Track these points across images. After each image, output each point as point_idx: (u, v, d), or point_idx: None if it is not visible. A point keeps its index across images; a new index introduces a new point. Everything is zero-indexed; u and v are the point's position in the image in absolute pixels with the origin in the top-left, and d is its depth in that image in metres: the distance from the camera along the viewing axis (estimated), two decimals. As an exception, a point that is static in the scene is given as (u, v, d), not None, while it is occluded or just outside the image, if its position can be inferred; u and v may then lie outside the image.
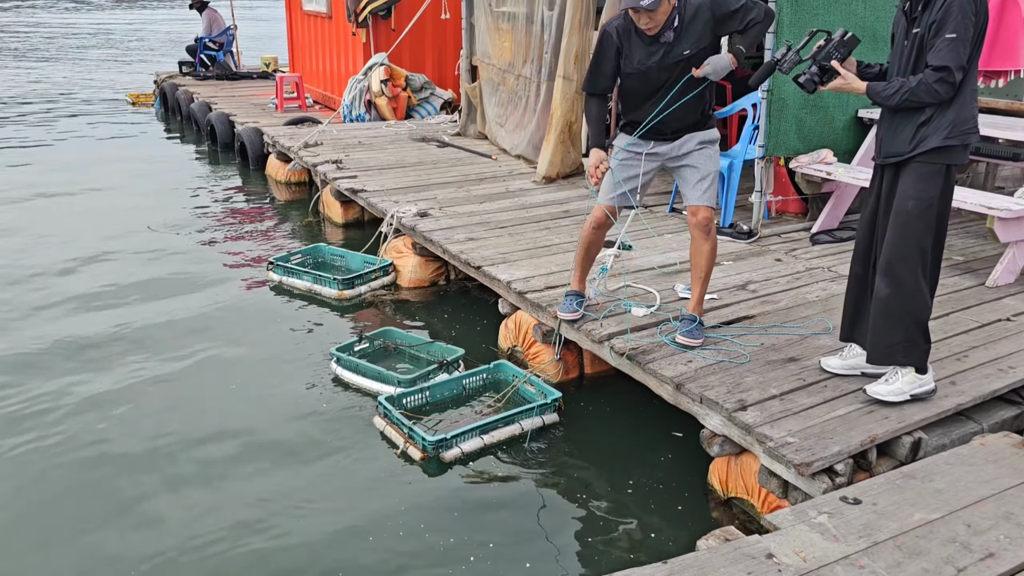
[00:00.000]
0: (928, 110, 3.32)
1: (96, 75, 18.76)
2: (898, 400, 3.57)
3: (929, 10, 3.27)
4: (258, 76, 14.62)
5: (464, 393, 4.55)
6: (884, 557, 2.76)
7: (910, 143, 3.37)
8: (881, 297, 3.50)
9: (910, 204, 3.39)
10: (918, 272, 3.45)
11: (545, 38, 7.58)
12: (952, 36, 3.18)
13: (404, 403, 4.36)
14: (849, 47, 3.44)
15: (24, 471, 3.96)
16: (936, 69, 3.22)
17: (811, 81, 3.46)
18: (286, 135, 9.28)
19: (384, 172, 7.70)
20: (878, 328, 3.53)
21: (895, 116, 3.42)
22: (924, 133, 3.34)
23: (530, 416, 4.21)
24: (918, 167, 3.38)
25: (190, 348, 5.21)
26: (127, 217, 7.99)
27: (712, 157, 4.12)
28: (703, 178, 4.09)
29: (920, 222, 3.40)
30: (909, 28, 3.38)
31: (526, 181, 7.43)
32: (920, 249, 3.43)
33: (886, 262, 3.47)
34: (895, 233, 3.44)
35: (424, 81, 10.93)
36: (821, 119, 5.84)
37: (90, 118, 13.60)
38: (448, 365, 4.70)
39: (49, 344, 5.25)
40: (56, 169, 10.01)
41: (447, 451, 4.00)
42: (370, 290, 5.99)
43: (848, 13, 5.63)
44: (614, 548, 3.49)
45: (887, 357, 3.56)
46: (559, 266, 5.17)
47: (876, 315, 3.53)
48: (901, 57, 3.41)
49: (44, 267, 6.64)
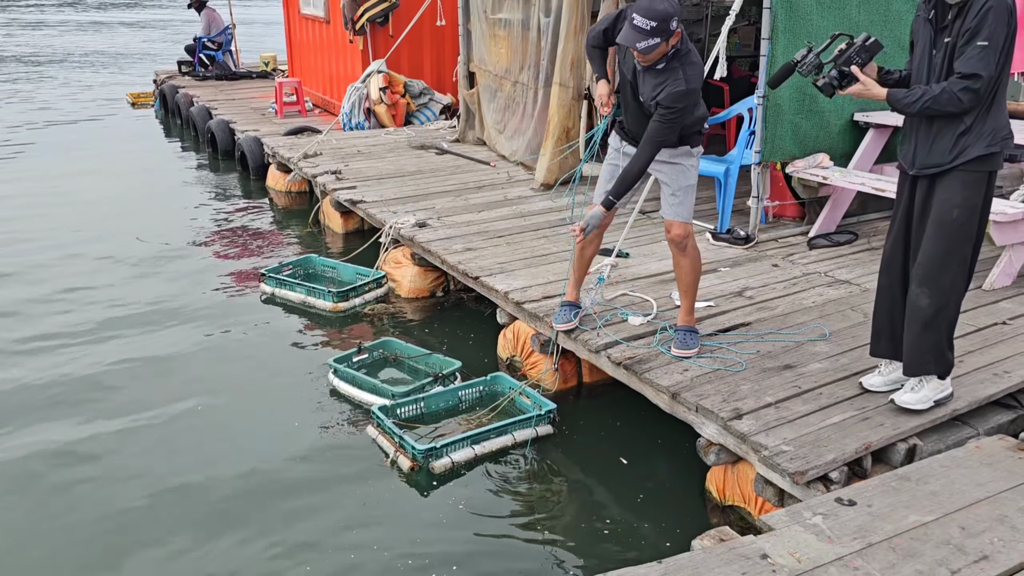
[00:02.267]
0: (967, 119, 3.26)
1: (94, 75, 18.80)
2: (924, 408, 3.57)
3: (963, 18, 3.20)
4: (257, 75, 14.60)
5: (460, 405, 4.57)
6: (878, 559, 2.78)
7: (950, 153, 3.31)
8: (920, 307, 3.45)
9: (956, 212, 3.34)
10: (957, 280, 3.43)
11: (542, 44, 7.61)
12: (984, 44, 3.13)
13: (399, 413, 4.39)
14: (871, 52, 3.39)
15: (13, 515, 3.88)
16: (963, 76, 3.18)
17: (830, 86, 3.42)
18: (286, 146, 9.31)
19: (383, 182, 7.73)
20: (915, 338, 3.50)
21: (932, 126, 3.34)
22: (965, 142, 3.28)
23: (523, 427, 4.23)
24: (962, 175, 3.32)
25: (182, 363, 5.24)
26: (124, 227, 8.01)
27: (684, 173, 4.08)
28: (673, 193, 4.10)
29: (964, 230, 3.37)
30: (938, 38, 3.31)
31: (524, 188, 7.46)
32: (961, 257, 3.40)
33: (925, 272, 3.42)
34: (937, 242, 3.39)
35: (423, 87, 10.95)
36: (817, 123, 5.85)
37: (90, 121, 13.62)
38: (444, 378, 4.72)
39: (34, 363, 5.28)
40: (53, 176, 10.03)
41: (437, 460, 4.02)
42: (364, 302, 6.01)
43: (843, 17, 5.64)
44: (608, 553, 3.52)
45: (922, 367, 3.54)
46: (556, 275, 5.20)
47: (913, 325, 3.49)
48: (930, 66, 3.34)
49: (31, 277, 6.67)
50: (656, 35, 3.67)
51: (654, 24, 3.64)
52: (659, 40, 3.68)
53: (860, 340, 4.28)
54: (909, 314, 3.51)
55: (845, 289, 5.01)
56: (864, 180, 5.55)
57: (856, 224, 6.16)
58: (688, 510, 3.79)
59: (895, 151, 6.13)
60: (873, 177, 5.65)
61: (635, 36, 3.68)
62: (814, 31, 5.56)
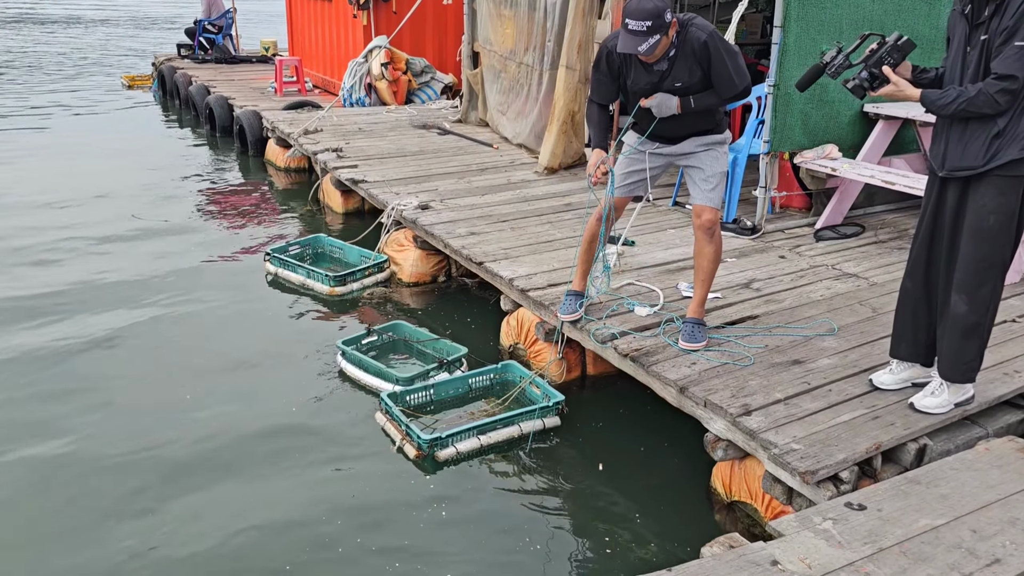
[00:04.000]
0: (1001, 121, 3.14)
1: (90, 55, 18.60)
2: (945, 411, 3.53)
3: (1000, 15, 3.08)
4: (257, 60, 14.51)
5: (470, 393, 4.53)
6: (889, 563, 2.76)
7: (984, 156, 3.19)
8: (960, 314, 3.38)
9: (992, 219, 3.25)
10: (996, 286, 3.36)
11: (548, 26, 7.50)
12: (1022, 44, 3.02)
13: (408, 400, 4.34)
14: (903, 52, 3.28)
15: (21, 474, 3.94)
16: (1000, 77, 3.07)
17: (860, 87, 3.31)
18: (286, 120, 9.20)
19: (385, 161, 7.64)
20: (956, 346, 3.43)
21: (965, 128, 3.22)
22: (999, 145, 3.16)
23: (530, 418, 4.19)
24: (997, 180, 3.21)
25: (182, 340, 5.19)
26: (121, 203, 7.93)
27: (719, 158, 4.08)
28: (707, 178, 4.06)
29: (1002, 236, 3.28)
30: (973, 34, 3.19)
31: (528, 172, 7.38)
32: (1000, 262, 3.33)
33: (964, 279, 3.34)
34: (974, 249, 3.30)
35: (425, 65, 10.84)
36: (826, 114, 5.78)
37: (85, 100, 13.48)
38: (449, 364, 4.68)
39: (38, 335, 5.22)
40: (48, 154, 9.92)
41: (442, 450, 3.99)
42: (363, 287, 5.94)
43: (856, 7, 5.56)
44: (611, 551, 3.48)
45: (965, 375, 3.48)
46: (561, 262, 5.14)
47: (954, 334, 3.42)
48: (964, 64, 3.21)
49: (30, 254, 6.59)
50: (654, 33, 3.65)
51: (648, 23, 3.62)
52: (659, 36, 3.67)
53: (869, 336, 4.25)
54: (950, 322, 3.43)
55: (853, 283, 4.96)
56: (873, 172, 5.49)
57: (863, 216, 6.12)
58: (693, 505, 3.76)
59: (904, 143, 6.09)
60: (882, 170, 5.60)
61: (635, 41, 3.66)
62: (827, 20, 5.48)
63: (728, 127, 4.16)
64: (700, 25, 3.81)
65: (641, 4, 3.62)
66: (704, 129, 4.03)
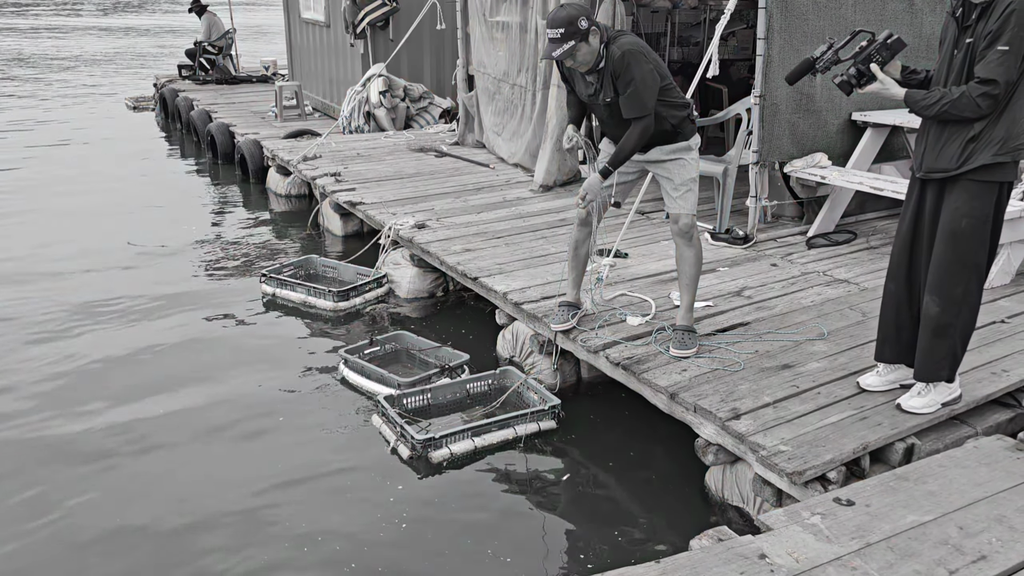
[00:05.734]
0: (977, 125, 3.16)
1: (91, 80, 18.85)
2: (931, 411, 3.56)
3: (986, 19, 3.09)
4: (258, 80, 14.63)
5: (468, 398, 4.58)
6: (877, 558, 2.78)
7: (958, 159, 3.22)
8: (931, 315, 3.40)
9: (964, 222, 3.27)
10: (970, 288, 3.37)
11: (539, 47, 7.62)
12: (1005, 49, 3.02)
13: (405, 403, 4.40)
14: (892, 50, 3.29)
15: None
16: (982, 82, 3.07)
17: (847, 84, 3.32)
18: (285, 148, 9.33)
19: (382, 184, 7.73)
20: (927, 346, 3.46)
21: (943, 130, 3.24)
22: (972, 149, 3.18)
23: (525, 421, 4.24)
24: (970, 184, 3.23)
25: (185, 361, 5.26)
26: (122, 229, 8.02)
27: (686, 166, 4.13)
28: (677, 186, 4.14)
29: (975, 239, 3.29)
30: (961, 37, 3.20)
31: (523, 190, 7.46)
32: (974, 264, 3.34)
33: (937, 281, 3.36)
34: (947, 251, 3.32)
35: (423, 91, 10.97)
36: (814, 123, 5.85)
37: (89, 126, 13.64)
38: (451, 370, 4.74)
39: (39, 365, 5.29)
40: (48, 182, 10.03)
41: (435, 451, 4.03)
42: (364, 302, 6.03)
43: (837, 17, 5.65)
44: (605, 550, 3.52)
45: (935, 374, 3.51)
46: (555, 276, 5.19)
47: (925, 333, 3.45)
48: (950, 66, 3.23)
49: (30, 280, 6.68)
50: (568, 39, 3.77)
51: (562, 31, 3.76)
52: (573, 42, 3.78)
53: (858, 339, 4.28)
54: (922, 322, 3.46)
55: (843, 288, 5.01)
56: (862, 179, 5.55)
57: (854, 224, 6.17)
58: (687, 509, 3.78)
59: (893, 150, 6.15)
60: (871, 176, 5.65)
61: (550, 48, 3.81)
62: (810, 31, 5.57)
63: (698, 131, 4.22)
64: (621, 42, 3.89)
65: (556, 13, 3.79)
66: (665, 140, 4.09)
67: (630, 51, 3.85)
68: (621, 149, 3.97)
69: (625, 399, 4.48)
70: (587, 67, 3.91)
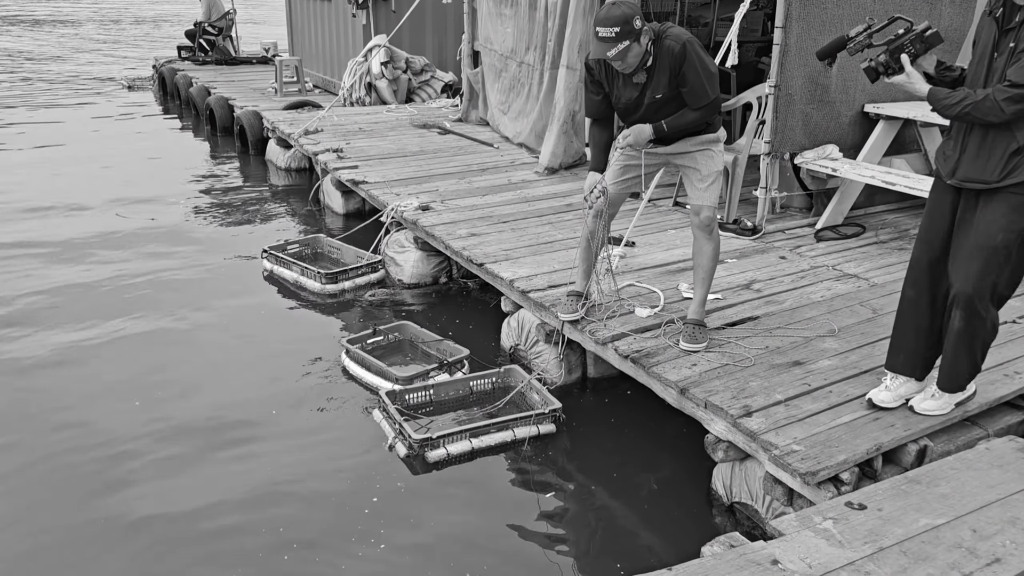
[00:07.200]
0: (1020, 137, 3.03)
1: (91, 57, 18.60)
2: (945, 413, 3.53)
3: None
4: (257, 61, 14.51)
5: (471, 396, 4.52)
6: (889, 563, 2.76)
7: (1000, 172, 3.09)
8: (958, 329, 3.33)
9: (1000, 236, 3.17)
10: (998, 302, 3.32)
11: (549, 25, 7.50)
12: None
13: (407, 399, 4.35)
14: (928, 44, 3.16)
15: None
16: (1012, 85, 2.95)
17: (873, 70, 3.21)
18: (286, 120, 9.21)
19: (385, 162, 7.64)
20: (953, 358, 3.41)
21: (984, 139, 3.12)
22: (1017, 163, 3.07)
23: (525, 424, 4.18)
24: (1011, 197, 3.12)
25: (180, 334, 5.22)
26: (120, 203, 7.94)
27: (713, 157, 4.08)
28: (703, 177, 4.07)
29: (1007, 254, 3.20)
30: (1001, 39, 3.05)
31: (528, 172, 7.38)
32: (1005, 280, 3.28)
33: (967, 295, 3.26)
34: (979, 265, 3.22)
35: (425, 63, 10.84)
36: (827, 114, 5.78)
37: (85, 101, 13.48)
38: (450, 365, 4.68)
39: (39, 342, 5.23)
40: (46, 157, 9.91)
41: (432, 451, 3.99)
42: (355, 287, 5.94)
43: (857, 6, 5.56)
44: (610, 553, 3.48)
45: (959, 385, 3.49)
46: (562, 263, 5.14)
47: (951, 346, 3.39)
48: (989, 69, 3.09)
49: (31, 253, 6.60)
50: (623, 39, 3.65)
51: (616, 29, 3.63)
52: (628, 42, 3.67)
53: (869, 337, 4.25)
54: (948, 334, 3.40)
55: (853, 284, 4.97)
56: (874, 173, 5.49)
57: (863, 216, 6.12)
58: (694, 507, 3.76)
59: (905, 144, 6.09)
60: (883, 170, 5.59)
61: (603, 47, 3.67)
62: (828, 20, 5.48)
63: (722, 125, 4.17)
64: (675, 35, 3.81)
65: (610, 12, 3.65)
66: (694, 131, 4.03)
67: (689, 41, 3.77)
68: (679, 119, 3.90)
69: (631, 393, 4.44)
70: (631, 68, 3.81)
